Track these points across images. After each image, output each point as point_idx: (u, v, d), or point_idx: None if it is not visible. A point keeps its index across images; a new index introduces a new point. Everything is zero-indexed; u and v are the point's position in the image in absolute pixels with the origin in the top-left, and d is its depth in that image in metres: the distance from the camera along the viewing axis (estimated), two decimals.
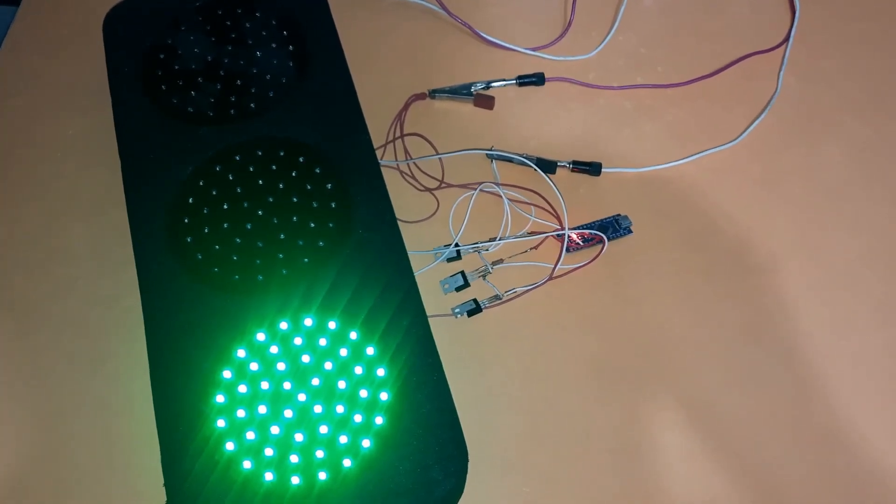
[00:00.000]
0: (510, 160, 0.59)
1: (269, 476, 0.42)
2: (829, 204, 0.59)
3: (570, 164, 0.59)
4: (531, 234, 0.57)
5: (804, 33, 0.66)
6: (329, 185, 0.50)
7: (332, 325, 0.46)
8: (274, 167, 0.51)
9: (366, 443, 0.43)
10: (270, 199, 0.50)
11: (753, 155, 0.61)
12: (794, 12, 0.67)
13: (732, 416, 0.51)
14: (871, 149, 0.61)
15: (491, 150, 0.60)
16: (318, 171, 0.51)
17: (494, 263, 0.55)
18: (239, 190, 0.50)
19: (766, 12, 0.68)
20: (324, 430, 0.43)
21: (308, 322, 0.46)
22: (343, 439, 0.43)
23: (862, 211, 0.58)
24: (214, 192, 0.50)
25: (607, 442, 0.50)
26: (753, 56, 0.65)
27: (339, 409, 0.44)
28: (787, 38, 0.66)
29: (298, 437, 0.43)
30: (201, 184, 0.50)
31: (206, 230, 0.49)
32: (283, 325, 0.46)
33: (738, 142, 0.61)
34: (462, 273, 0.55)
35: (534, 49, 0.66)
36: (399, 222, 0.49)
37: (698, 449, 0.50)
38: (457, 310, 0.54)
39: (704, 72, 0.65)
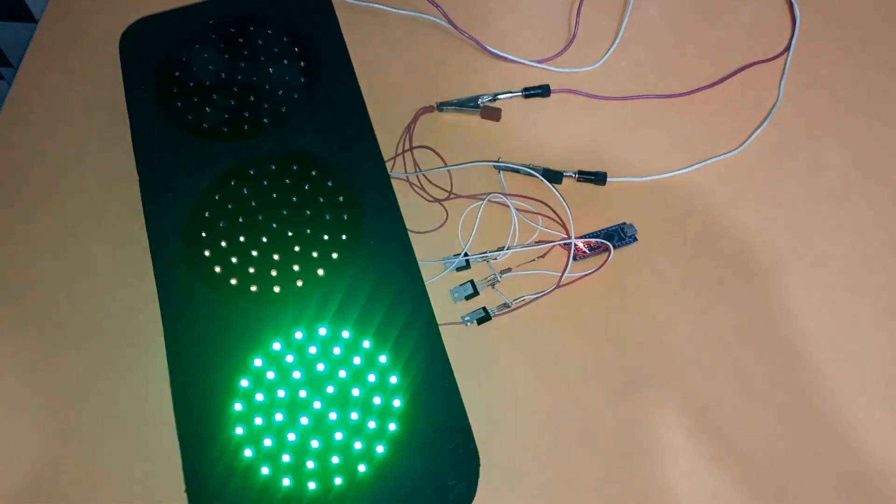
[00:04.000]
0: (517, 171, 0.61)
1: (286, 482, 0.43)
2: (830, 209, 0.60)
3: (575, 173, 0.61)
4: (538, 243, 0.58)
5: (805, 42, 0.67)
6: (341, 198, 0.51)
7: (345, 334, 0.47)
8: (287, 181, 0.52)
9: (380, 449, 0.44)
10: (284, 212, 0.51)
11: (756, 162, 0.62)
12: (794, 22, 0.68)
13: (738, 418, 0.52)
14: (871, 154, 0.62)
15: (498, 161, 0.61)
16: (330, 184, 0.52)
17: (503, 272, 0.57)
18: (254, 203, 0.51)
19: (768, 22, 0.69)
20: (338, 436, 0.44)
21: (322, 332, 0.47)
22: (357, 445, 0.44)
23: (863, 215, 0.59)
24: (230, 206, 0.51)
25: (615, 444, 0.51)
26: (755, 65, 0.66)
27: (354, 416, 0.45)
28: (787, 48, 0.67)
29: (314, 443, 0.44)
30: (217, 198, 0.52)
31: (222, 243, 0.50)
32: (298, 335, 0.47)
33: (741, 150, 0.62)
34: (471, 282, 0.56)
35: (539, 61, 0.67)
36: (409, 233, 0.51)
37: (705, 450, 0.51)
38: (467, 318, 0.55)
39: (707, 81, 0.66)
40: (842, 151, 0.62)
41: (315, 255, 0.50)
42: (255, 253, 0.50)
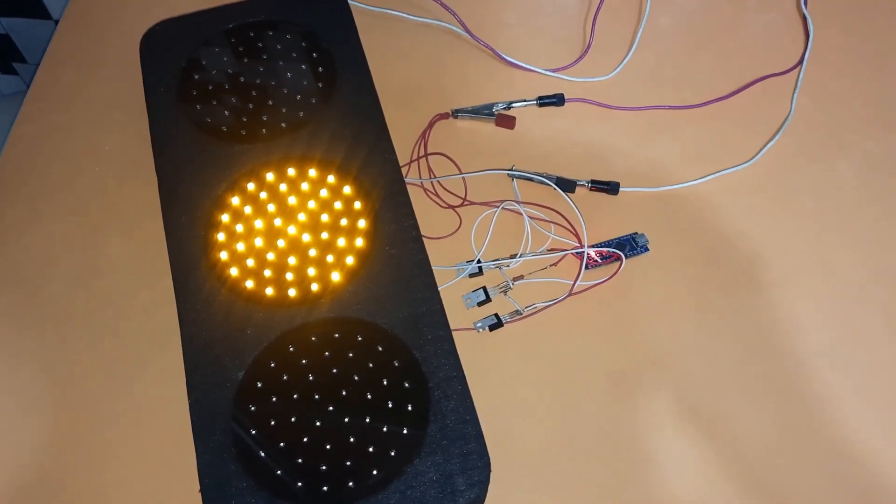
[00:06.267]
0: (531, 179, 0.61)
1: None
2: (841, 222, 0.60)
3: (588, 183, 0.61)
4: (551, 251, 0.58)
5: (818, 55, 0.68)
6: (357, 204, 0.52)
7: (359, 338, 0.48)
8: (305, 185, 0.53)
9: (392, 452, 0.44)
10: (302, 217, 0.52)
11: (768, 174, 0.62)
12: (807, 36, 0.69)
13: (746, 429, 0.52)
14: (883, 167, 0.62)
15: (512, 169, 0.62)
16: (346, 189, 0.53)
17: (515, 279, 0.57)
18: (271, 208, 0.52)
19: (781, 35, 0.70)
20: (352, 442, 0.45)
21: (336, 335, 0.48)
22: (371, 449, 0.45)
23: (874, 228, 0.60)
24: (248, 210, 0.52)
25: (625, 452, 0.51)
26: (768, 78, 0.67)
27: (367, 419, 0.45)
28: (800, 61, 0.67)
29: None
30: (235, 201, 0.52)
31: (239, 247, 0.51)
32: (313, 339, 0.48)
33: (753, 162, 0.63)
34: (484, 288, 0.57)
35: (554, 70, 0.67)
36: (423, 238, 0.51)
37: (713, 460, 0.51)
38: (479, 324, 0.55)
39: (720, 93, 0.66)
40: (853, 165, 0.63)
41: (331, 259, 0.50)
42: (271, 256, 0.50)
